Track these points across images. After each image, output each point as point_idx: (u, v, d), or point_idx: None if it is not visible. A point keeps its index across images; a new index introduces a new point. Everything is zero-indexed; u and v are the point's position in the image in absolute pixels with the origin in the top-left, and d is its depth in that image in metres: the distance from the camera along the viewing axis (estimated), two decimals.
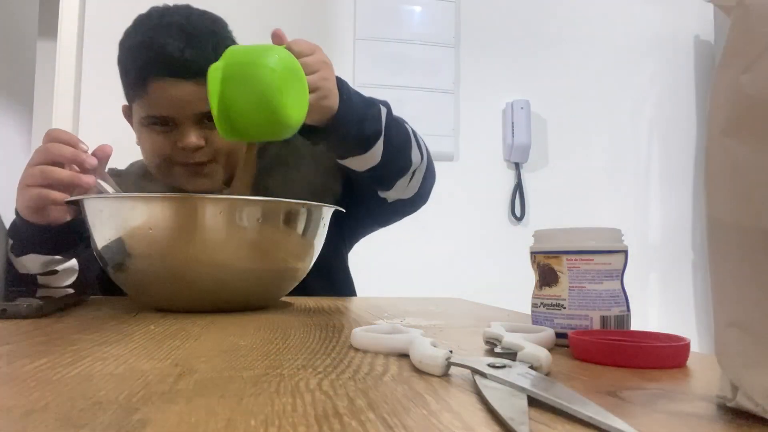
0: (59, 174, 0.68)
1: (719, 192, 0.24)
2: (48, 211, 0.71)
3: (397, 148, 0.81)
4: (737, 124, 0.23)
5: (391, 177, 0.84)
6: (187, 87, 0.80)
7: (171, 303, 0.62)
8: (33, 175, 0.69)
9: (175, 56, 0.78)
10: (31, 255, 0.76)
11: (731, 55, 0.24)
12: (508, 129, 2.11)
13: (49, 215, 0.71)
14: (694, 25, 2.29)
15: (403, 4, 2.07)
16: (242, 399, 0.26)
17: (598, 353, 0.36)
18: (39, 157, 0.69)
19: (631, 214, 2.20)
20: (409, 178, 0.86)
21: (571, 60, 2.20)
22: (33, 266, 0.78)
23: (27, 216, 0.71)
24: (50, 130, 0.71)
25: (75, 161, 0.69)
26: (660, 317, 2.17)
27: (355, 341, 0.40)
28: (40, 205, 0.70)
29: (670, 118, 2.26)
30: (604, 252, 0.43)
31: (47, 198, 0.69)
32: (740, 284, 0.23)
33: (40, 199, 0.69)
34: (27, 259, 0.77)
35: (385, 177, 0.84)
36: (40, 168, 0.68)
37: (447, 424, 0.23)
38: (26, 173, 0.70)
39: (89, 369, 0.32)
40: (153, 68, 0.80)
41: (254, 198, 0.60)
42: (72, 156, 0.69)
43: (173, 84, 0.79)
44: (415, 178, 0.87)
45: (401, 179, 0.84)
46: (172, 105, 0.80)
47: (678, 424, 0.23)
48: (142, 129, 0.86)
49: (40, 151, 0.69)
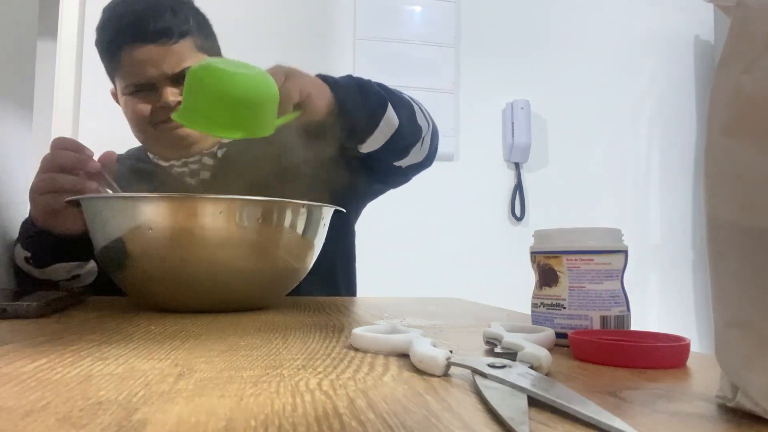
0: (64, 180, 0.70)
1: (719, 192, 0.24)
2: (61, 218, 0.72)
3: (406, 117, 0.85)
4: (737, 124, 0.23)
5: (406, 146, 0.89)
6: (153, 49, 0.86)
7: (171, 303, 0.62)
8: (41, 183, 0.71)
9: (136, 22, 0.85)
10: (57, 265, 0.78)
11: (731, 55, 0.24)
12: (508, 129, 2.11)
13: (63, 222, 0.73)
14: (694, 25, 2.29)
15: (403, 4, 2.07)
16: (242, 399, 0.26)
17: (598, 353, 0.36)
18: (45, 165, 0.72)
19: (631, 214, 2.20)
20: (421, 143, 0.90)
21: (571, 60, 2.19)
22: (58, 275, 0.80)
23: (42, 224, 0.73)
24: (56, 139, 0.74)
25: (79, 167, 0.71)
26: (660, 317, 2.17)
27: (355, 341, 0.40)
28: (52, 211, 0.72)
29: (670, 118, 2.26)
30: (604, 252, 0.43)
31: (58, 204, 0.71)
32: (740, 284, 0.23)
33: (50, 205, 0.71)
34: (52, 270, 0.79)
35: (400, 148, 0.88)
36: (48, 175, 0.71)
37: (447, 424, 0.23)
38: (34, 182, 0.72)
39: (89, 369, 0.32)
40: (120, 38, 0.86)
41: (254, 198, 0.60)
42: (76, 162, 0.71)
43: (140, 48, 0.85)
44: (425, 141, 0.91)
45: (415, 146, 0.89)
46: (144, 68, 0.86)
47: (678, 424, 0.23)
48: (126, 100, 0.91)
49: (47, 160, 0.72)
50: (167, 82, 0.87)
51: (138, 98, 0.89)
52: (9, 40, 0.84)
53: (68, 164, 0.71)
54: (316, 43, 2.00)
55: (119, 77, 0.90)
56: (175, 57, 0.87)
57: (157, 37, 0.85)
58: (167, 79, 0.87)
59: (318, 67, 1.11)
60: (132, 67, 0.87)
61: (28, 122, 0.90)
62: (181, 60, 0.88)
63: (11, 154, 0.84)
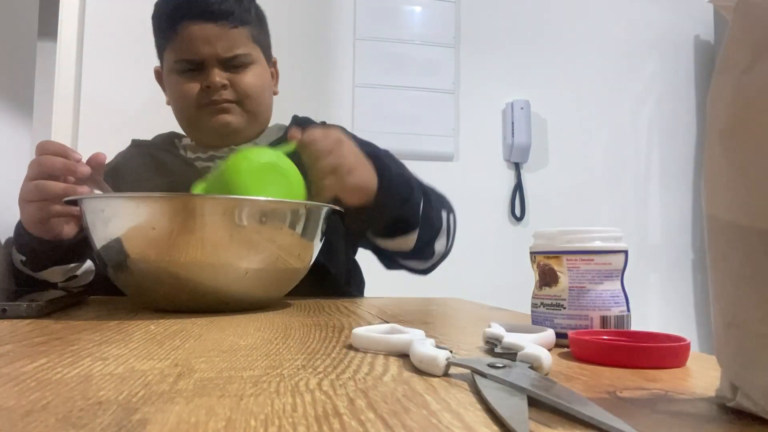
0: (53, 187, 0.68)
1: (719, 192, 0.24)
2: (52, 225, 0.71)
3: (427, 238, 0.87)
4: (737, 125, 0.23)
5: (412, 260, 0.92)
6: (212, 28, 0.88)
7: (171, 303, 0.62)
8: (29, 191, 0.69)
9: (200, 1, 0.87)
10: (53, 268, 0.78)
11: (731, 55, 0.24)
12: (508, 129, 2.10)
13: (54, 229, 0.72)
14: (694, 25, 2.29)
15: (403, 4, 2.07)
16: (242, 399, 0.26)
17: (598, 353, 0.36)
18: (33, 172, 0.69)
19: (631, 214, 2.20)
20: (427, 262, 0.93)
21: (571, 60, 2.19)
22: (55, 277, 0.80)
23: (33, 231, 0.72)
24: (40, 143, 0.71)
25: (68, 172, 0.69)
26: (660, 317, 2.17)
27: (355, 341, 0.40)
28: (42, 220, 0.71)
29: (670, 118, 2.26)
30: (604, 252, 0.43)
31: (47, 212, 0.70)
32: (740, 284, 0.23)
33: (40, 213, 0.70)
34: (48, 272, 0.79)
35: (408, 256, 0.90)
36: (35, 183, 0.69)
37: (447, 424, 0.23)
38: (23, 189, 0.70)
39: (89, 369, 0.32)
40: (180, 11, 0.88)
41: (254, 198, 0.60)
42: (63, 167, 0.69)
43: (200, 26, 0.87)
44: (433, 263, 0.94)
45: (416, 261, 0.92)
46: (199, 46, 0.88)
47: (678, 424, 0.23)
48: (172, 77, 0.93)
49: (33, 165, 0.70)
50: (217, 64, 0.89)
51: (185, 77, 0.91)
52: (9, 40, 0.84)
53: (56, 171, 0.69)
54: (316, 43, 2.00)
55: (169, 52, 0.92)
56: (230, 41, 0.89)
57: (219, 18, 0.87)
58: (218, 61, 0.89)
59: (318, 66, 1.11)
60: (186, 42, 0.88)
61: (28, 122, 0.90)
62: (235, 45, 0.90)
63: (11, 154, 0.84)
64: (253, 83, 0.93)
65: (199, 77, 0.90)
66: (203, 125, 0.93)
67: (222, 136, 0.93)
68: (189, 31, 0.87)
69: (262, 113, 0.98)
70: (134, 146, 1.02)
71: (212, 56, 0.88)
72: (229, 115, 0.92)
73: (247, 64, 0.92)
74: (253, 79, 0.93)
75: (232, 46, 0.89)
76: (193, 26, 0.87)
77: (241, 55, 0.91)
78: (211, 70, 0.89)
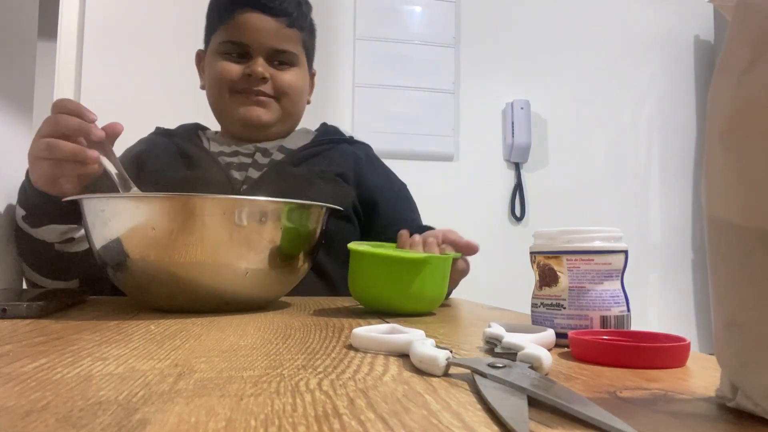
0: (64, 147, 0.68)
1: (719, 192, 0.24)
2: (58, 183, 0.71)
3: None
4: (737, 125, 0.23)
5: None
6: (269, 21, 0.92)
7: (171, 303, 0.62)
8: (40, 148, 0.69)
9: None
10: (50, 226, 0.77)
11: (731, 55, 0.24)
12: (508, 129, 2.11)
13: (61, 186, 0.71)
14: (694, 25, 2.29)
15: (403, 4, 2.07)
16: (242, 399, 0.26)
17: (598, 353, 0.36)
18: (46, 129, 0.69)
19: (631, 214, 2.20)
20: None
21: (571, 60, 2.19)
22: (51, 236, 0.78)
23: (41, 187, 0.72)
24: (57, 100, 0.70)
25: (81, 133, 0.68)
26: (660, 317, 2.17)
27: (355, 341, 0.40)
28: (49, 176, 0.70)
29: (670, 118, 2.26)
30: (604, 252, 0.43)
31: (57, 171, 0.69)
32: (740, 284, 0.23)
33: (51, 171, 0.69)
34: (45, 230, 0.77)
35: None
36: (47, 141, 0.68)
37: (447, 424, 0.23)
38: (34, 145, 0.70)
39: (89, 369, 0.32)
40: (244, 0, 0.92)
41: (254, 198, 0.60)
42: (78, 127, 0.68)
43: (258, 16, 0.92)
44: None
45: None
46: (251, 32, 0.92)
47: (678, 424, 0.23)
48: (216, 57, 0.96)
49: (48, 123, 0.69)
50: (263, 54, 0.92)
51: (230, 59, 0.93)
52: (9, 40, 0.84)
53: (70, 131, 0.68)
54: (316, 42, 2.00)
55: (219, 33, 0.94)
56: (282, 37, 0.93)
57: (278, 14, 0.92)
58: (266, 52, 0.92)
59: (317, 66, 1.11)
60: (240, 28, 0.92)
61: (28, 122, 0.90)
62: (285, 42, 0.93)
63: (11, 154, 0.84)
64: (293, 82, 0.96)
65: (242, 63, 0.93)
66: (234, 113, 0.95)
67: (250, 129, 0.96)
68: (246, 17, 0.91)
69: (294, 114, 1.00)
70: (158, 134, 1.03)
71: (261, 45, 0.92)
72: (262, 109, 0.95)
73: (291, 63, 0.96)
74: (294, 79, 0.96)
75: (282, 42, 0.93)
76: (251, 14, 0.91)
77: (289, 52, 0.95)
78: (256, 59, 0.92)
